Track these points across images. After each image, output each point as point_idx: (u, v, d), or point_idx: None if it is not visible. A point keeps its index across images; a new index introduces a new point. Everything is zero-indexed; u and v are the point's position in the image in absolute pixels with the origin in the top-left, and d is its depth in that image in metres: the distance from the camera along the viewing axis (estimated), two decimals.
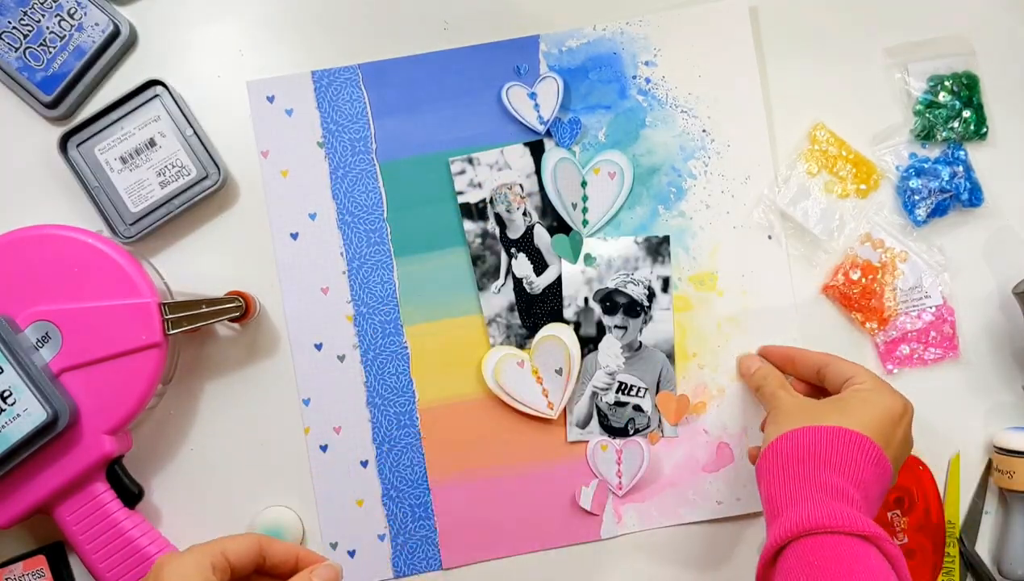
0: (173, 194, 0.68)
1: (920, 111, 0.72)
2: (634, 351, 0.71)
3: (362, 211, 0.71)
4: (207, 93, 0.71)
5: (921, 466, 0.69)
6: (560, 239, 0.71)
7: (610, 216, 0.71)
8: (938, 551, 0.69)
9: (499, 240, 0.71)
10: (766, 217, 0.71)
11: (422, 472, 0.70)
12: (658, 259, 0.71)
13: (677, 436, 0.71)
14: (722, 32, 0.72)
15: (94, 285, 0.63)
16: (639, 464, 0.70)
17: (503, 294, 0.71)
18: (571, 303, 0.71)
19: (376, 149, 0.71)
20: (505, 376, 0.70)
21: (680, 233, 0.72)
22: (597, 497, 0.70)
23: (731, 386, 0.71)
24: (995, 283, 0.72)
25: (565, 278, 0.71)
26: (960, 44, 0.73)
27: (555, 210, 0.71)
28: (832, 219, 0.71)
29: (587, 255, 0.71)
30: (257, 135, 0.71)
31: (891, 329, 0.71)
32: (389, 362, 0.70)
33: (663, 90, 0.72)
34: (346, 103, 0.71)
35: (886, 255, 0.71)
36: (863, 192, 0.71)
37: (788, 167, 0.71)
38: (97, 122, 0.68)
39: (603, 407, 0.71)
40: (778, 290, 0.72)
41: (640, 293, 0.71)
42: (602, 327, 0.71)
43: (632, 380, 0.71)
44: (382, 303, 0.71)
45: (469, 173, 0.71)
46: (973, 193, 0.71)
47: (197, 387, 0.70)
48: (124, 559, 0.64)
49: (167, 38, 0.71)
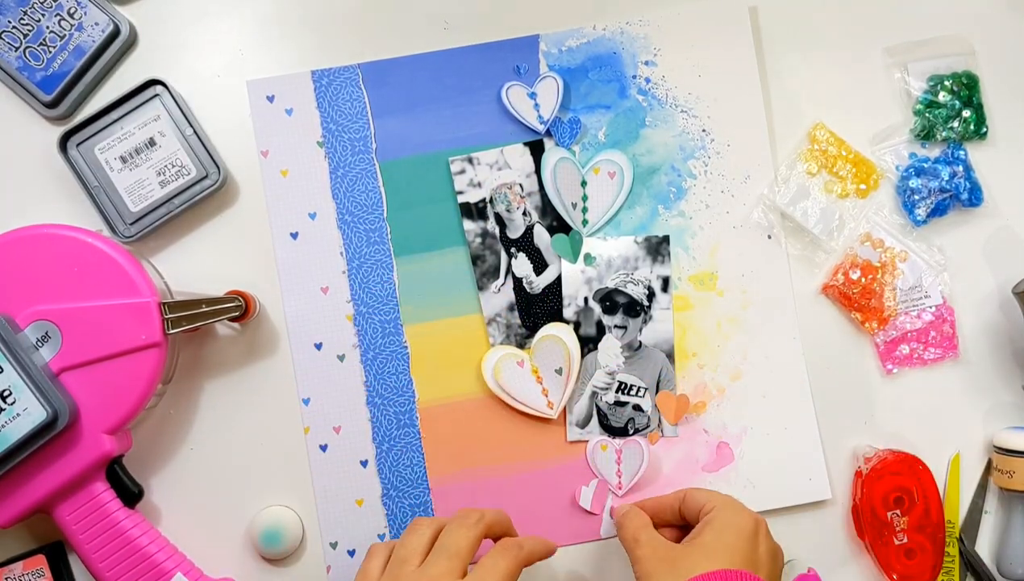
0: (173, 194, 0.68)
1: (920, 111, 0.72)
2: (634, 351, 0.71)
3: (362, 211, 0.71)
4: (207, 92, 0.71)
5: (921, 466, 0.69)
6: (560, 239, 0.71)
7: (610, 216, 0.71)
8: (938, 551, 0.69)
9: (499, 240, 0.71)
10: (766, 217, 0.71)
11: (422, 471, 0.70)
12: (658, 259, 0.71)
13: (677, 436, 0.71)
14: (722, 31, 0.72)
15: (94, 285, 0.63)
16: (639, 464, 0.70)
17: (503, 294, 0.71)
18: (571, 303, 0.71)
19: (376, 149, 0.71)
20: (505, 376, 0.70)
21: (680, 233, 0.72)
22: (597, 497, 0.70)
23: (731, 386, 0.71)
24: (995, 283, 0.72)
25: (565, 278, 0.71)
26: (960, 44, 0.73)
27: (555, 210, 0.71)
28: (832, 219, 0.71)
29: (587, 255, 0.71)
30: (257, 134, 0.71)
31: (891, 329, 0.71)
32: (389, 362, 0.70)
33: (663, 90, 0.72)
34: (346, 103, 0.71)
35: (886, 255, 0.71)
36: (863, 192, 0.71)
37: (788, 167, 0.71)
38: (97, 121, 0.68)
39: (603, 407, 0.71)
40: (778, 290, 0.72)
41: (640, 293, 0.71)
42: (602, 327, 0.71)
43: (632, 380, 0.71)
44: (382, 303, 0.71)
45: (469, 173, 0.71)
46: (973, 193, 0.71)
47: (197, 387, 0.70)
48: (123, 559, 0.64)
49: (167, 37, 0.71)
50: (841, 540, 0.71)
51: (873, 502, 0.68)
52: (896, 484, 0.68)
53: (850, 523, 0.71)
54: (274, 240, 0.70)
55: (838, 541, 0.71)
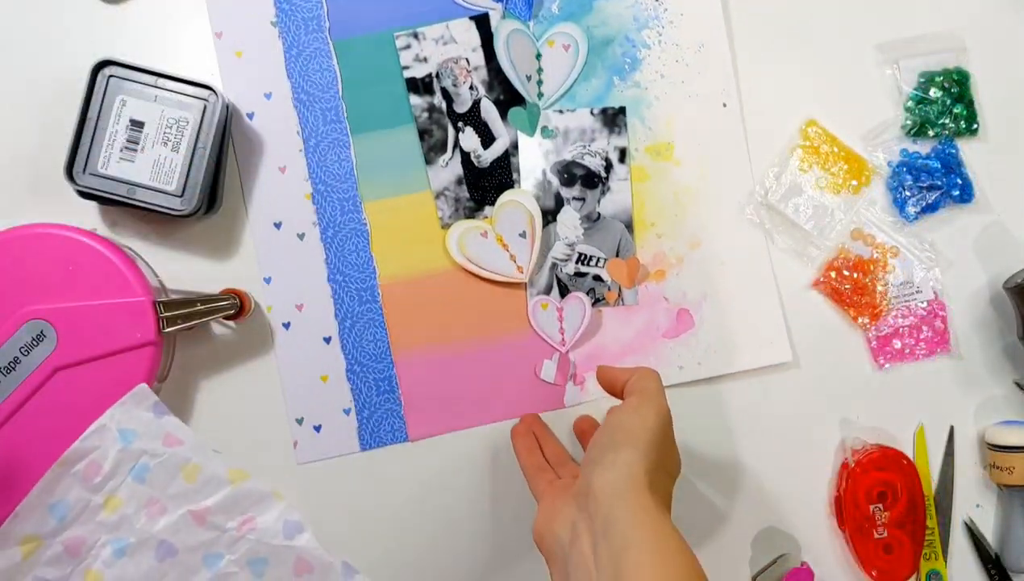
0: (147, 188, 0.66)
1: (911, 107, 0.72)
2: (593, 222, 0.71)
3: (317, 89, 0.71)
4: None
5: (906, 461, 0.69)
6: (517, 112, 0.71)
7: (565, 88, 0.72)
8: (917, 547, 0.69)
9: (446, 114, 0.71)
10: (757, 213, 0.71)
11: (385, 346, 0.70)
12: (614, 130, 0.72)
13: (637, 304, 0.71)
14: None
15: (89, 283, 0.63)
16: (581, 319, 0.70)
17: (450, 168, 0.71)
18: (529, 176, 0.71)
19: (329, 27, 0.71)
20: (471, 248, 0.70)
21: (636, 104, 0.72)
22: (560, 370, 0.71)
23: (690, 254, 0.72)
24: (986, 278, 0.72)
25: (522, 151, 0.71)
26: (952, 40, 0.73)
27: (505, 83, 0.71)
28: (824, 216, 0.71)
29: (544, 128, 0.71)
30: (211, 16, 0.70)
31: (883, 324, 0.71)
32: (349, 239, 0.71)
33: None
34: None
35: (877, 251, 0.71)
36: (855, 188, 0.71)
37: (780, 164, 0.72)
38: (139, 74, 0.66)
39: (563, 278, 0.71)
40: (734, 158, 0.72)
41: (597, 164, 0.71)
42: (560, 199, 0.71)
43: (591, 251, 0.71)
44: (340, 180, 0.71)
45: (415, 48, 0.71)
46: (964, 189, 0.71)
47: (192, 385, 0.69)
48: None
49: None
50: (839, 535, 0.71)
51: (857, 495, 0.68)
52: (880, 479, 0.68)
53: None
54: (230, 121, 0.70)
55: (833, 536, 0.71)
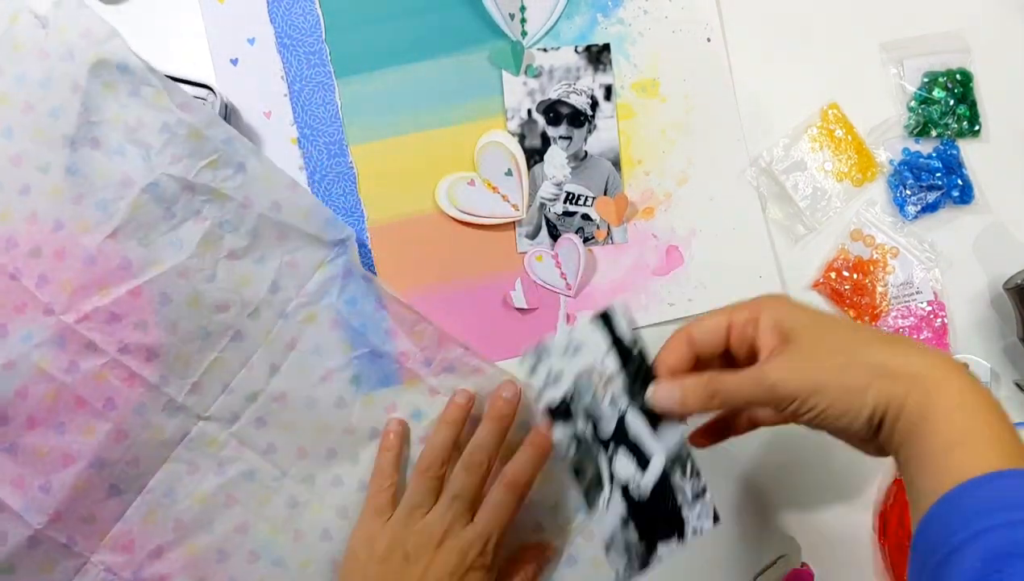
0: None
1: (914, 107, 0.72)
2: (580, 161, 0.71)
3: (300, 33, 0.70)
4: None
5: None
6: (502, 51, 0.71)
7: (549, 26, 0.71)
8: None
9: (593, 441, 0.56)
10: (756, 178, 0.71)
11: None
12: (599, 68, 0.71)
13: (627, 242, 0.71)
14: None
15: None
16: (577, 259, 0.70)
17: (612, 508, 0.55)
18: (514, 116, 0.71)
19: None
20: (462, 199, 0.70)
21: (620, 40, 0.72)
22: (529, 294, 0.70)
23: (678, 191, 0.72)
24: (986, 279, 0.72)
25: (507, 91, 0.71)
26: (955, 41, 0.73)
27: None
28: (820, 198, 0.71)
29: (528, 66, 0.71)
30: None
31: (883, 325, 0.71)
32: (336, 183, 0.70)
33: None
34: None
35: (877, 252, 0.71)
36: (857, 181, 0.71)
37: (793, 136, 0.72)
38: None
39: (552, 218, 0.71)
40: (720, 92, 0.72)
41: (583, 102, 0.71)
42: (547, 138, 0.71)
43: (579, 189, 0.71)
44: (326, 124, 0.70)
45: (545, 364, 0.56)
46: (964, 190, 0.71)
47: None
48: None
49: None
50: (849, 539, 0.70)
51: (903, 514, 0.67)
52: None
53: (857, 522, 0.70)
54: (214, 67, 0.70)
55: (838, 539, 0.70)
